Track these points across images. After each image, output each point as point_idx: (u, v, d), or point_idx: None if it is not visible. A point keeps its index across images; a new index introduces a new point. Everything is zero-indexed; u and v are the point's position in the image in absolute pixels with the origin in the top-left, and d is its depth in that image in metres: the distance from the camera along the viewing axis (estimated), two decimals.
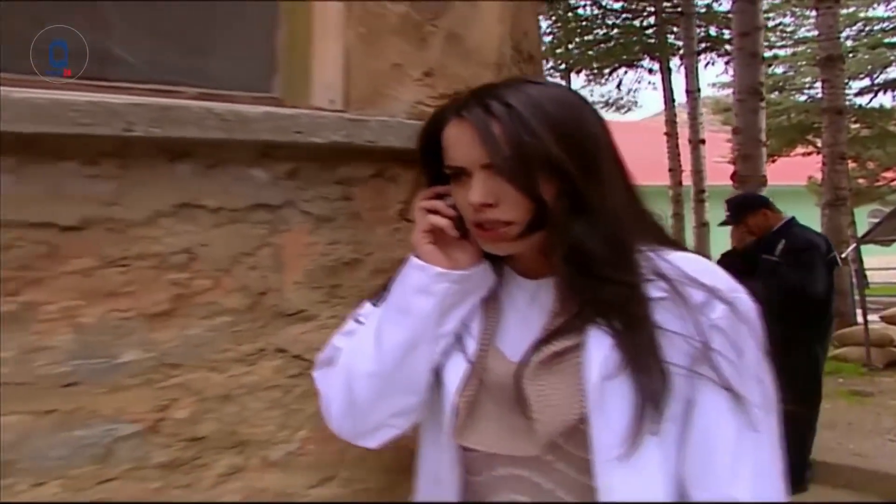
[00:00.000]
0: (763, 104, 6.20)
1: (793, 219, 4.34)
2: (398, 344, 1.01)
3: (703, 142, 9.70)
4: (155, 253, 1.25)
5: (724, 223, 4.53)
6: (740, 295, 0.97)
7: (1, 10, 1.27)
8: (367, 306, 1.12)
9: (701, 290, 0.95)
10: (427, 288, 1.00)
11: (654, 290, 0.95)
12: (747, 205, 4.40)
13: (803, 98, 15.36)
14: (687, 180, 10.52)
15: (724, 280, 0.98)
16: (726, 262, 4.52)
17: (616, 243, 0.96)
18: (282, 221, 1.35)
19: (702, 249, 9.48)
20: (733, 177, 6.19)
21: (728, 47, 11.95)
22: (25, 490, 1.19)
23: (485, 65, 1.61)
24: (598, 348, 0.93)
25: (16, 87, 1.19)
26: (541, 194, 0.93)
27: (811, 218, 6.10)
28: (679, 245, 1.04)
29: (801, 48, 15.01)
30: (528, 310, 1.04)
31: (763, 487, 0.92)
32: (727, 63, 12.79)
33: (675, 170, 10.89)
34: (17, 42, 1.28)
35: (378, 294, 1.10)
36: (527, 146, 0.91)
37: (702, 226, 9.56)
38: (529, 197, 0.94)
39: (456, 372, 1.02)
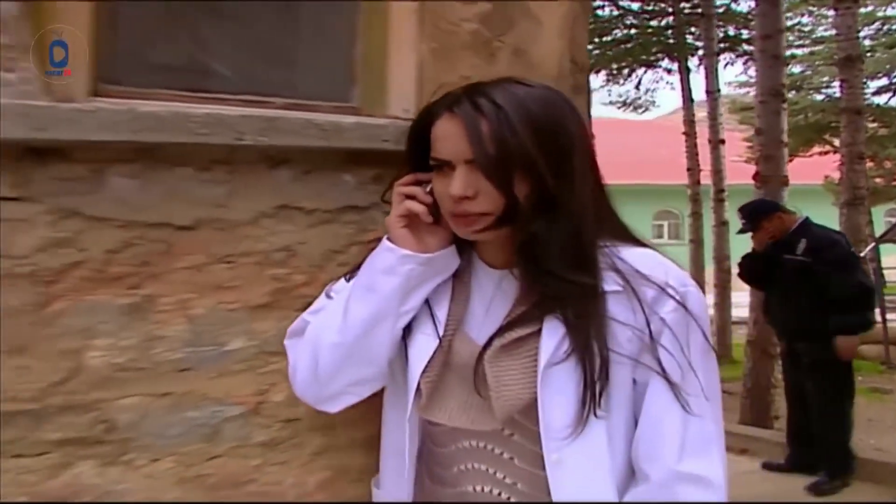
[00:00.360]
0: (785, 106, 6.29)
1: (807, 218, 4.49)
2: (363, 318, 1.09)
3: (722, 142, 9.78)
4: (258, 250, 1.38)
5: (741, 231, 4.66)
6: (690, 289, 1.06)
7: (119, 33, 1.40)
8: (340, 283, 1.21)
9: (653, 287, 1.04)
10: (393, 269, 1.08)
11: (610, 284, 1.04)
12: (761, 211, 4.57)
13: (820, 97, 15.36)
14: (705, 179, 10.59)
15: (675, 276, 1.06)
16: (748, 263, 4.65)
17: (576, 242, 1.04)
18: (369, 221, 1.48)
19: (722, 247, 9.55)
20: (755, 177, 6.28)
21: (746, 47, 12.02)
22: (145, 465, 1.33)
23: (547, 77, 1.73)
24: (551, 336, 1.02)
25: (134, 100, 1.33)
26: (514, 192, 1.01)
27: (829, 217, 6.18)
28: (639, 242, 1.12)
29: (818, 47, 15.00)
30: (493, 297, 1.12)
31: (705, 466, 1.01)
32: (745, 63, 12.84)
33: (693, 169, 10.95)
34: (132, 59, 1.42)
35: (353, 272, 1.19)
36: (508, 146, 0.99)
37: (721, 224, 9.62)
38: (504, 193, 1.01)
39: (424, 351, 1.10)
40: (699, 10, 9.44)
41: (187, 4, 1.48)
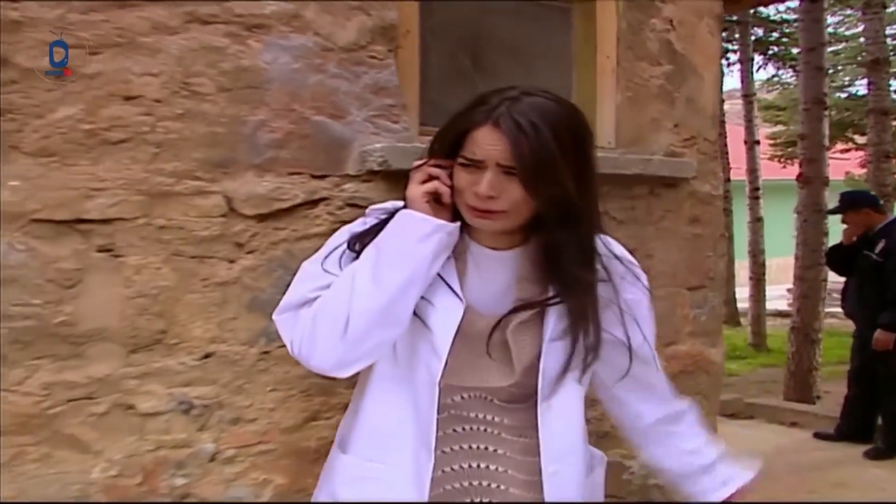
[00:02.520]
0: (826, 113, 6.98)
1: (894, 220, 5.03)
2: (397, 283, 1.19)
3: (757, 142, 10.47)
4: None
5: (831, 211, 5.25)
6: (638, 268, 1.38)
7: (428, 83, 2.09)
8: (328, 261, 1.28)
9: (621, 264, 1.33)
10: (428, 236, 1.19)
11: (601, 274, 1.29)
12: (853, 201, 5.09)
13: (843, 95, 15.93)
14: (734, 175, 11.23)
15: (631, 259, 1.38)
16: (831, 254, 5.28)
17: (587, 245, 1.25)
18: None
19: (757, 242, 10.25)
20: (799, 177, 6.98)
21: (775, 48, 12.69)
22: None
23: (706, 117, 2.45)
24: (553, 317, 1.26)
25: None
26: (543, 201, 1.18)
27: None
28: (602, 231, 1.34)
29: (841, 46, 15.57)
30: (495, 275, 1.28)
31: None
32: (777, 66, 13.50)
33: (724, 167, 11.63)
34: (437, 104, 2.09)
35: (355, 246, 1.28)
36: (544, 165, 1.15)
37: (756, 220, 10.30)
38: (536, 202, 1.18)
39: (451, 319, 1.24)
40: (734, 17, 10.09)
41: (471, 70, 2.19)
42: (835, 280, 7.40)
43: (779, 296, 12.60)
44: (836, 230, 5.45)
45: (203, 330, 1.56)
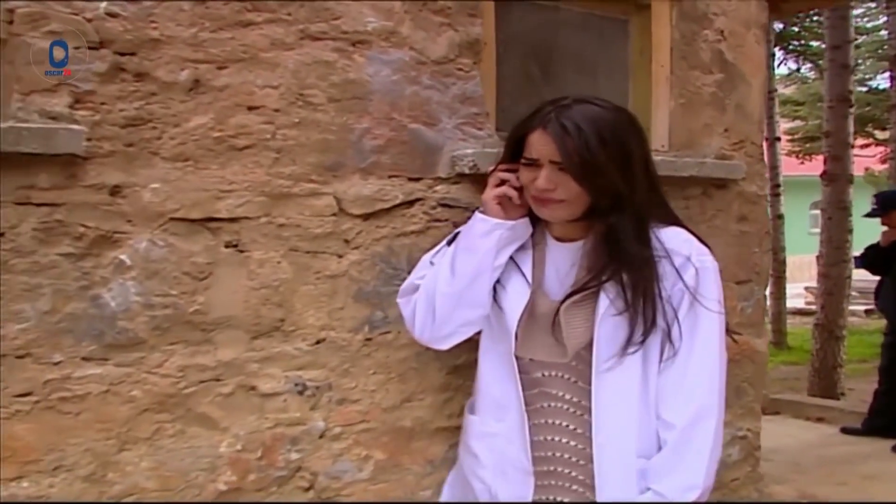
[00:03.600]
0: (852, 110, 7.14)
1: None
2: (467, 272, 1.48)
3: (778, 139, 10.62)
4: None
5: (868, 215, 5.36)
6: (706, 258, 1.47)
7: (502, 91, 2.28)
8: (434, 253, 1.64)
9: (680, 257, 1.44)
10: (488, 233, 1.47)
11: (658, 251, 1.44)
12: (890, 202, 5.26)
13: (864, 90, 16.01)
14: None
15: (696, 249, 1.47)
16: (866, 254, 5.44)
17: (639, 225, 1.42)
18: None
19: (777, 239, 10.37)
20: (823, 175, 7.15)
21: (795, 43, 12.80)
22: None
23: (753, 122, 2.63)
24: (608, 296, 1.42)
25: None
26: (592, 191, 1.39)
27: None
28: (678, 222, 1.51)
29: (862, 39, 15.64)
30: (564, 264, 1.50)
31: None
32: (798, 61, 13.63)
33: None
34: (509, 111, 2.29)
35: (450, 241, 1.60)
36: (587, 159, 1.36)
37: (777, 218, 10.45)
38: (586, 191, 1.39)
39: (518, 301, 1.48)
40: None
41: (539, 78, 2.37)
42: (858, 278, 7.58)
43: (796, 294, 12.76)
44: (861, 228, 5.56)
45: (315, 318, 1.75)
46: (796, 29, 12.62)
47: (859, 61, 15.18)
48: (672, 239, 1.46)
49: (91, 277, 1.55)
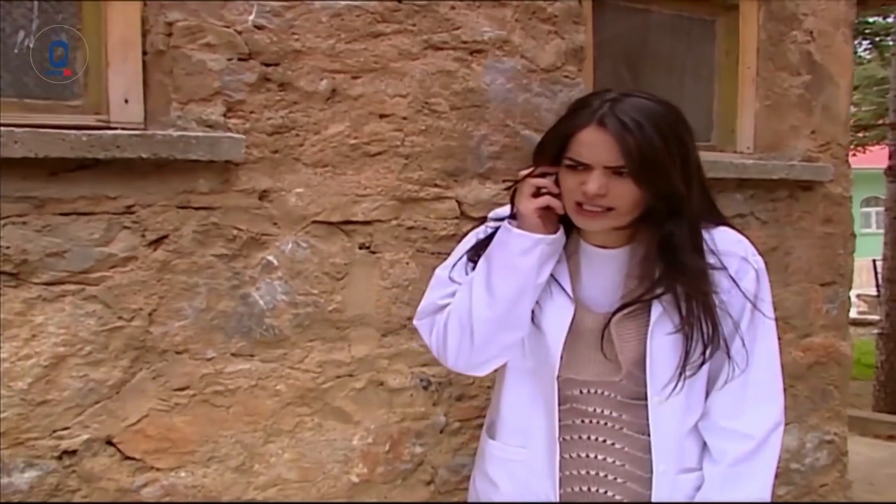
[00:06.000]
0: None
1: None
2: (508, 293, 1.43)
3: None
4: None
5: None
6: (759, 258, 1.50)
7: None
8: (455, 270, 1.55)
9: (736, 259, 1.46)
10: (529, 250, 1.41)
11: (712, 260, 1.44)
12: None
13: None
14: None
15: (750, 249, 1.49)
16: None
17: (695, 234, 1.42)
18: (747, 224, 2.71)
19: None
20: (888, 170, 7.46)
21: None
22: None
23: (840, 123, 2.98)
24: (660, 310, 1.43)
25: None
26: (652, 194, 1.37)
27: None
28: (724, 221, 1.52)
29: None
30: (605, 273, 1.49)
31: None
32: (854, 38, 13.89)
33: None
34: None
35: (474, 257, 1.54)
36: (651, 160, 1.33)
37: None
38: (646, 197, 1.37)
39: (563, 318, 1.46)
40: None
41: (630, 81, 2.72)
42: None
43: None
44: None
45: None
46: None
47: None
48: (724, 240, 1.47)
49: (241, 277, 1.88)
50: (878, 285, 10.56)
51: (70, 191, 1.70)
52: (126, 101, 1.84)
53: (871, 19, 12.89)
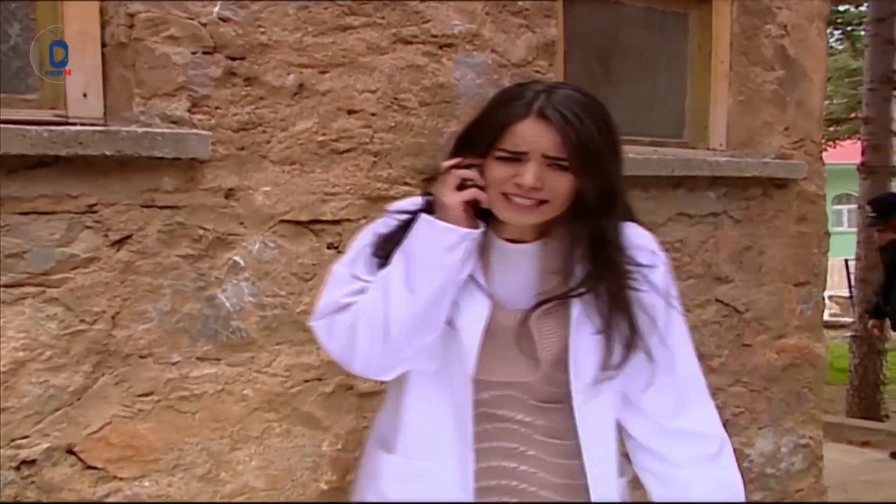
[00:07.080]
0: None
1: None
2: (431, 291, 1.43)
3: None
4: (666, 241, 2.73)
5: (871, 224, 5.96)
6: (662, 254, 1.54)
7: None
8: (359, 266, 1.51)
9: (646, 253, 1.50)
10: (456, 246, 1.41)
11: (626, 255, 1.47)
12: (892, 205, 5.85)
13: None
14: None
15: (656, 244, 1.54)
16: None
17: (620, 234, 1.47)
18: (720, 223, 2.83)
19: None
20: (862, 166, 7.66)
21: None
22: None
23: (814, 120, 3.11)
24: (580, 307, 1.46)
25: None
26: (590, 189, 1.40)
27: None
28: (633, 217, 1.53)
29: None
30: (519, 269, 1.51)
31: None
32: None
33: None
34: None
35: (380, 252, 1.50)
36: (591, 153, 1.37)
37: None
38: (584, 191, 1.40)
39: (479, 316, 1.47)
40: None
41: (601, 75, 2.83)
42: None
43: None
44: None
45: None
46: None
47: None
48: (634, 235, 1.51)
49: (207, 278, 1.94)
50: (850, 286, 10.82)
51: (30, 189, 1.75)
52: (85, 96, 1.89)
53: (842, 8, 13.19)
